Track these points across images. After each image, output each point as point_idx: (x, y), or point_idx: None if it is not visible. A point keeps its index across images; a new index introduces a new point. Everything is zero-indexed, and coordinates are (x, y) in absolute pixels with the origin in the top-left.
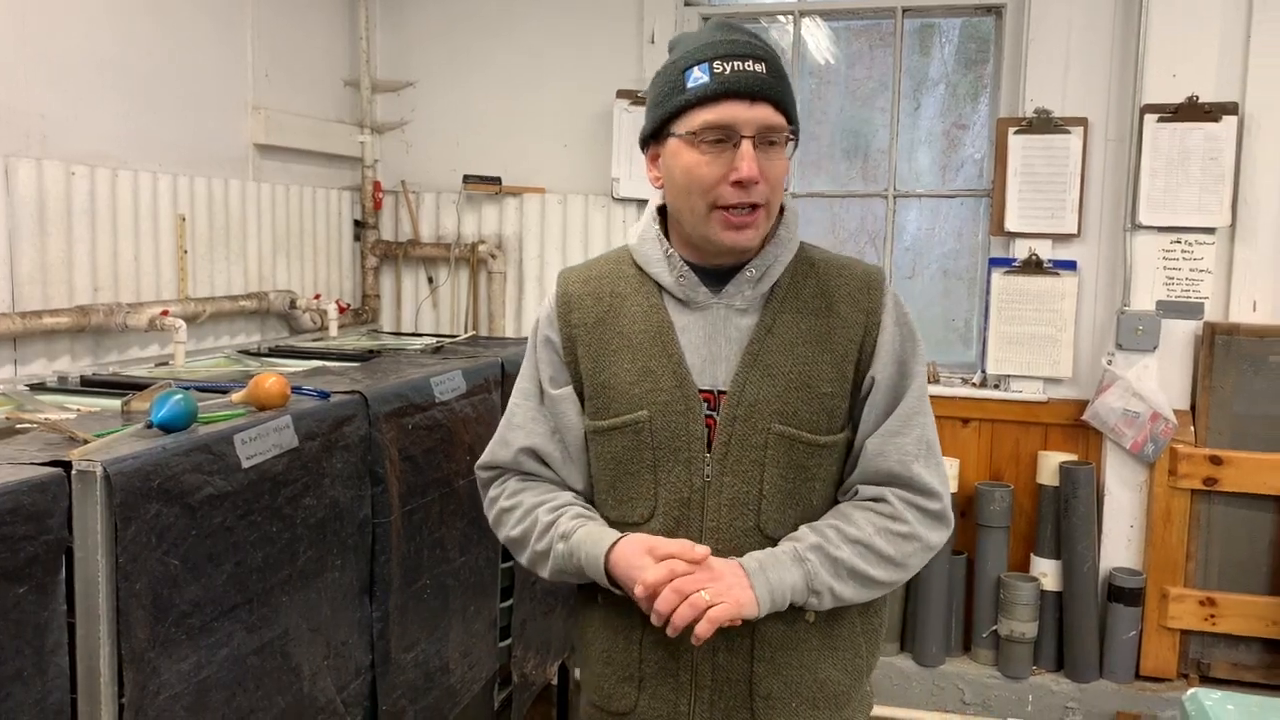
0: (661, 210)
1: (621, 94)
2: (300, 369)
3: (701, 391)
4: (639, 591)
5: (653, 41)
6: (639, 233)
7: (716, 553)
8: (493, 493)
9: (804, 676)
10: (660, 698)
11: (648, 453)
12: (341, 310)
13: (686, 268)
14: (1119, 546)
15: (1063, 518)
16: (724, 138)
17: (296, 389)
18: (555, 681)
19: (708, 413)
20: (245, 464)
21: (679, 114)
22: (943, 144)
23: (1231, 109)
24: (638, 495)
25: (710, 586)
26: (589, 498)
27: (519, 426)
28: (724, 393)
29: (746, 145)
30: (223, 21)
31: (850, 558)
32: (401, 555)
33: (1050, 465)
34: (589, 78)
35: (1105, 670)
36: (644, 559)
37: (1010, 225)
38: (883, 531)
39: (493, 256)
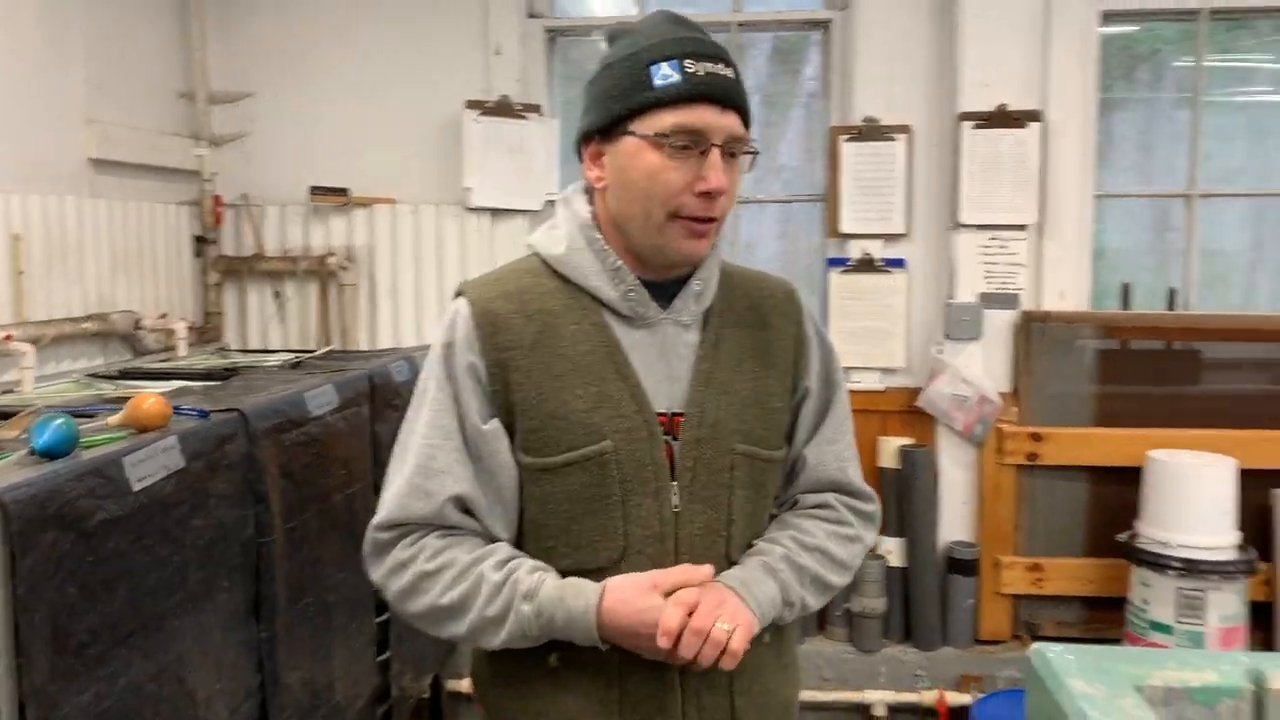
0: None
1: (471, 104)
2: (161, 390)
3: (658, 415)
4: (663, 642)
5: (498, 53)
6: (565, 242)
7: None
8: (401, 555)
9: (771, 701)
10: None
11: (614, 487)
12: (189, 329)
13: (637, 282)
14: (955, 522)
15: (904, 498)
16: (693, 144)
17: (177, 409)
18: (428, 695)
19: (664, 437)
20: (136, 486)
21: (642, 112)
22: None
23: (1036, 116)
24: (603, 536)
25: (721, 616)
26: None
27: (443, 472)
28: (680, 415)
29: (716, 155)
30: (51, 33)
31: (812, 565)
32: (285, 574)
33: (890, 450)
34: (436, 88)
35: (948, 637)
36: (652, 599)
37: (845, 227)
38: (834, 536)
39: (343, 269)
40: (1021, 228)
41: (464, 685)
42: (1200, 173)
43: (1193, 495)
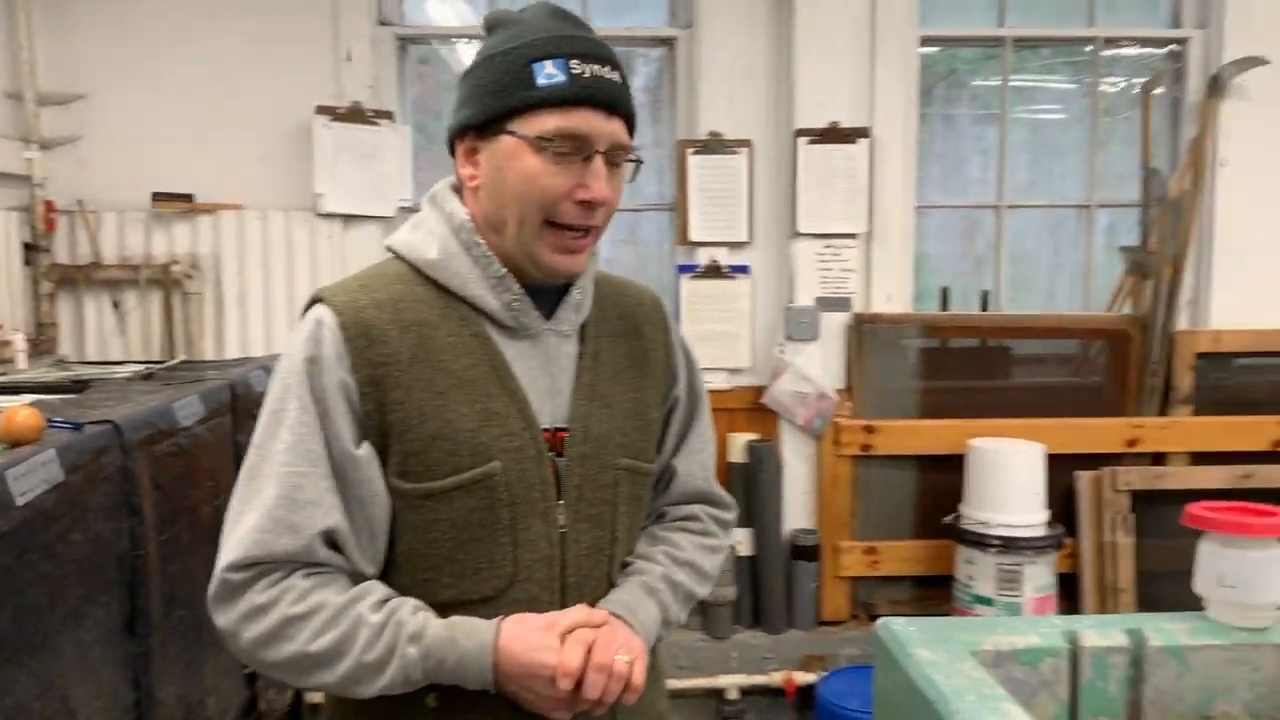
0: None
1: (321, 109)
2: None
3: (542, 430)
4: (565, 684)
5: (349, 59)
6: (438, 245)
7: (574, 604)
8: (258, 599)
9: (649, 715)
10: None
11: (503, 510)
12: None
13: (522, 291)
14: (798, 510)
15: (751, 490)
16: (575, 150)
17: (50, 421)
18: (289, 707)
19: (548, 454)
20: (19, 501)
21: (523, 111)
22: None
23: (864, 133)
24: (490, 564)
25: (618, 649)
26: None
27: (312, 503)
28: (563, 430)
29: (599, 162)
30: None
31: (685, 581)
32: (159, 588)
33: (738, 445)
34: (285, 93)
35: (793, 620)
36: (549, 638)
37: (693, 235)
38: (700, 548)
39: (188, 277)
40: (853, 236)
41: (319, 697)
42: (1006, 185)
43: (1008, 479)
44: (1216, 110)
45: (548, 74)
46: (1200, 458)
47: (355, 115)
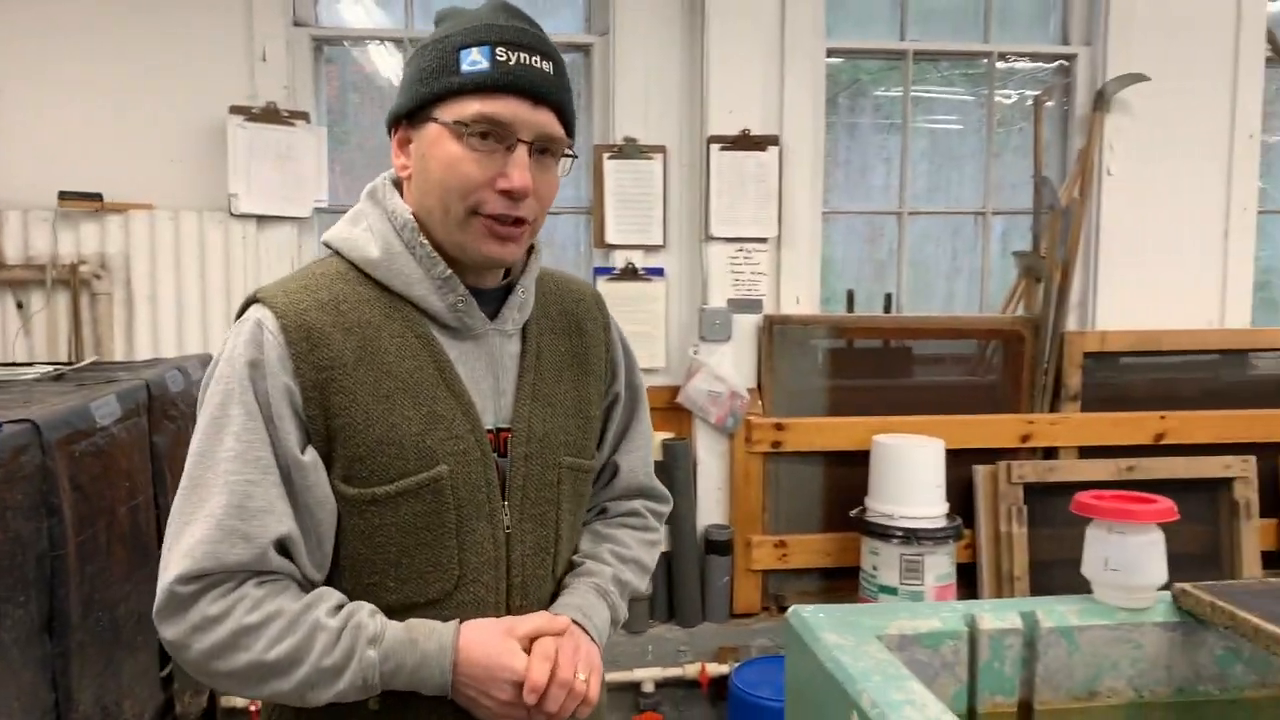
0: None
1: (235, 110)
2: None
3: (486, 431)
4: (530, 698)
5: (264, 59)
6: (379, 243)
7: (520, 606)
8: (210, 609)
9: (597, 712)
10: None
11: (449, 514)
12: None
13: (467, 292)
14: (711, 506)
15: (667, 487)
16: (496, 137)
17: None
18: (205, 710)
19: (492, 455)
20: None
21: (446, 97)
22: None
23: (774, 140)
24: (437, 568)
25: (580, 664)
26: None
27: (264, 511)
28: (506, 430)
29: (521, 152)
30: None
31: (631, 579)
32: (78, 588)
33: (655, 443)
34: (198, 93)
35: (707, 614)
36: (509, 643)
37: (610, 238)
38: (642, 544)
39: (97, 277)
40: (763, 240)
41: (238, 701)
42: (908, 192)
43: (911, 474)
44: (1102, 123)
45: (472, 60)
46: (1088, 451)
47: (270, 116)
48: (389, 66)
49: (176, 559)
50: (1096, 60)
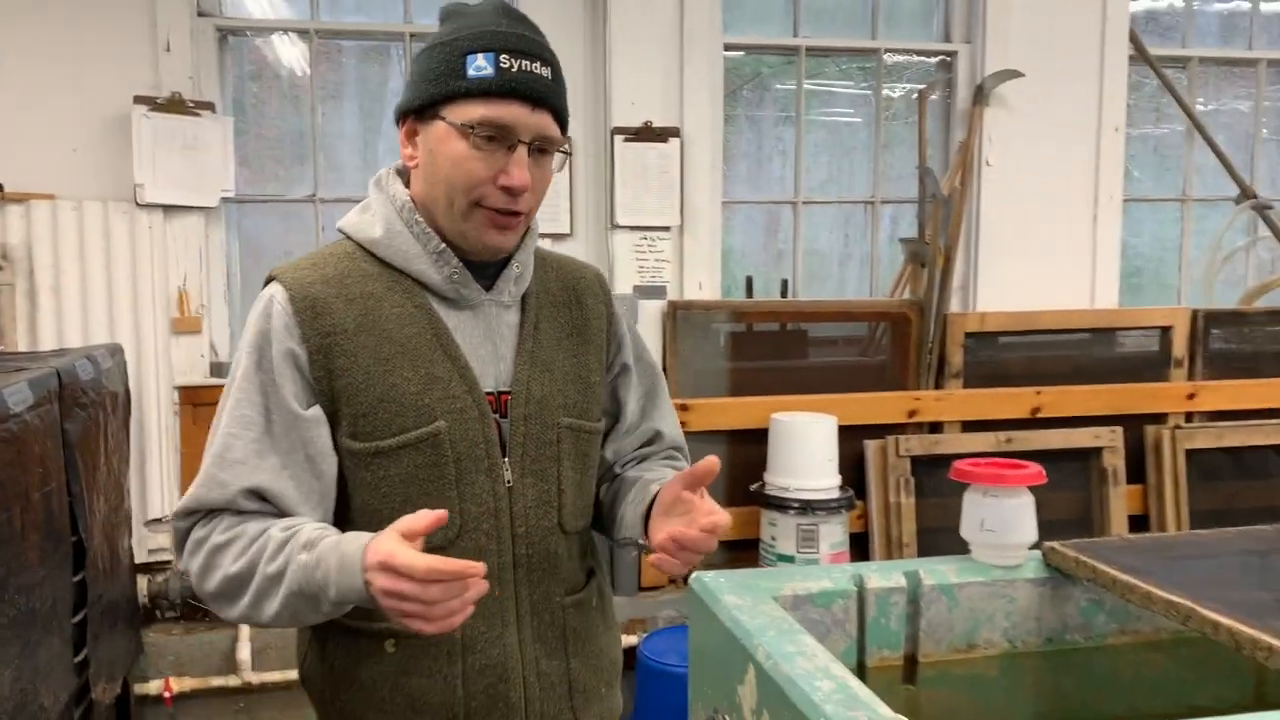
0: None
1: (139, 99)
2: None
3: (486, 394)
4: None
5: (168, 50)
6: (382, 225)
7: (526, 555)
8: (197, 534)
9: (603, 661)
10: None
11: (449, 467)
12: None
13: (460, 264)
14: None
15: None
16: (499, 138)
17: None
18: (118, 697)
19: (493, 416)
20: None
21: (454, 99)
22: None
23: (675, 132)
24: None
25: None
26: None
27: (238, 462)
28: (506, 393)
29: (521, 152)
30: None
31: None
32: None
33: None
34: (102, 82)
35: (617, 588)
36: (402, 542)
37: None
38: None
39: None
40: (666, 229)
41: (151, 688)
42: (803, 182)
43: (806, 449)
44: (981, 116)
45: (477, 66)
46: (970, 425)
47: (175, 106)
48: (290, 57)
49: (181, 500)
50: (976, 57)
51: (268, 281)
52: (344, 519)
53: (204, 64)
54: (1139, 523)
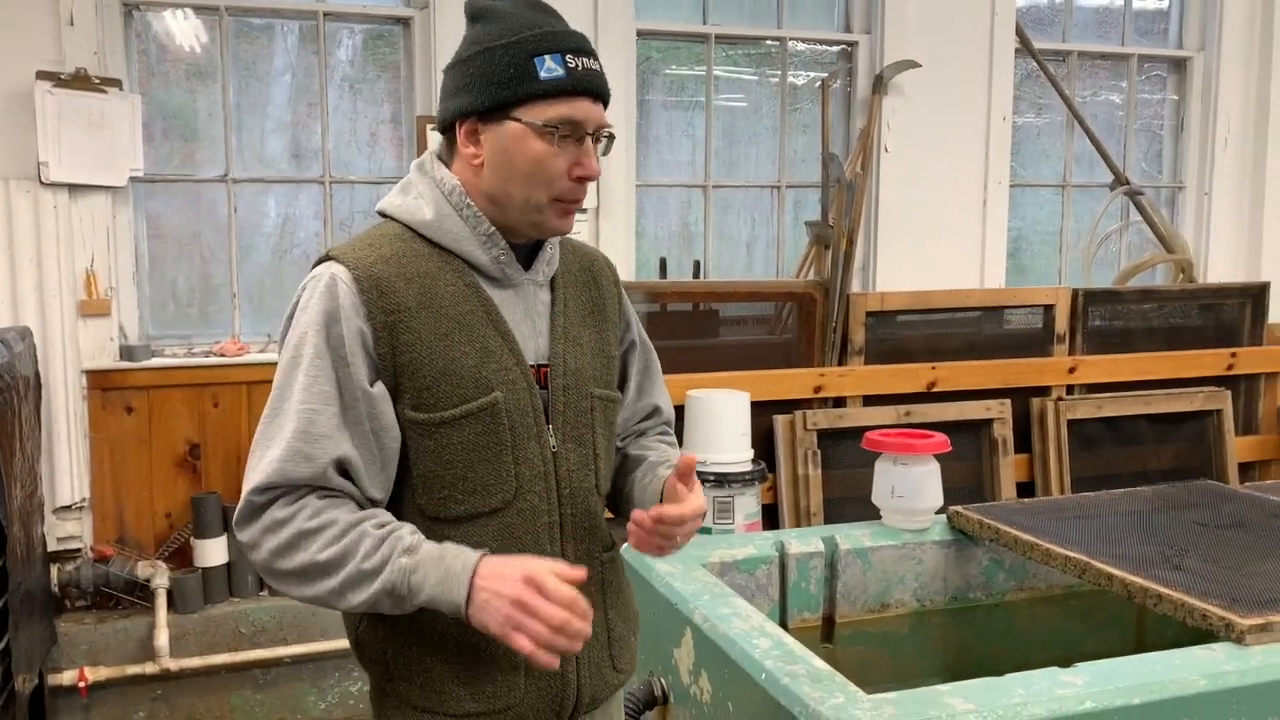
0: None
1: (42, 75)
2: None
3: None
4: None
5: (72, 24)
6: (432, 208)
7: (570, 515)
8: (279, 514)
9: (629, 612)
10: (548, 676)
11: (505, 434)
12: None
13: (507, 247)
14: None
15: None
16: (574, 133)
17: None
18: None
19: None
20: None
21: (527, 101)
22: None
23: None
24: (497, 480)
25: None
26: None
27: (325, 436)
28: (545, 365)
29: (589, 144)
30: None
31: None
32: None
33: None
34: (1, 57)
35: None
36: (525, 559)
37: None
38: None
39: None
40: (583, 210)
41: (65, 679)
42: (712, 166)
43: (720, 424)
44: (880, 104)
45: (548, 68)
46: (871, 400)
47: (80, 82)
48: (199, 34)
49: (255, 474)
50: (875, 47)
51: (321, 261)
52: (405, 485)
53: (109, 39)
54: (1026, 489)
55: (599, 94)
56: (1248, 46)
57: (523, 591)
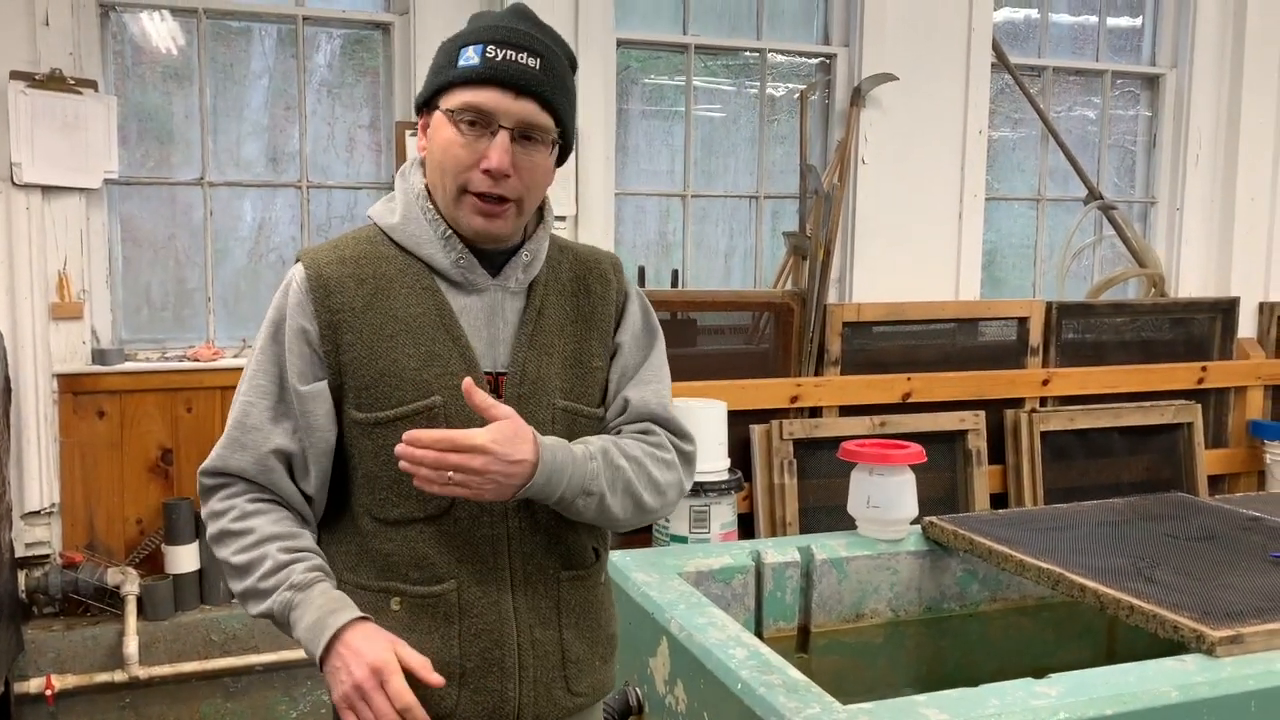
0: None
1: (16, 75)
2: None
3: (485, 374)
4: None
5: (47, 24)
6: (400, 212)
7: (519, 526)
8: (216, 505)
9: (599, 635)
10: (485, 690)
11: None
12: None
13: (466, 250)
14: None
15: None
16: (482, 123)
17: None
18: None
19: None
20: None
21: (447, 89)
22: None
23: None
24: None
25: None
26: (320, 506)
27: (257, 428)
28: (504, 374)
29: (502, 136)
30: None
31: (628, 472)
32: None
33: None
34: None
35: None
36: (385, 645)
37: None
38: (651, 456)
39: None
40: (562, 219)
41: (32, 687)
42: (691, 176)
43: (697, 432)
44: (858, 117)
45: (466, 57)
46: (847, 410)
47: (55, 83)
48: (177, 36)
49: (208, 459)
50: (853, 60)
51: (296, 261)
52: (346, 484)
53: (85, 40)
54: (999, 500)
55: (518, 86)
56: (1219, 64)
57: (366, 679)
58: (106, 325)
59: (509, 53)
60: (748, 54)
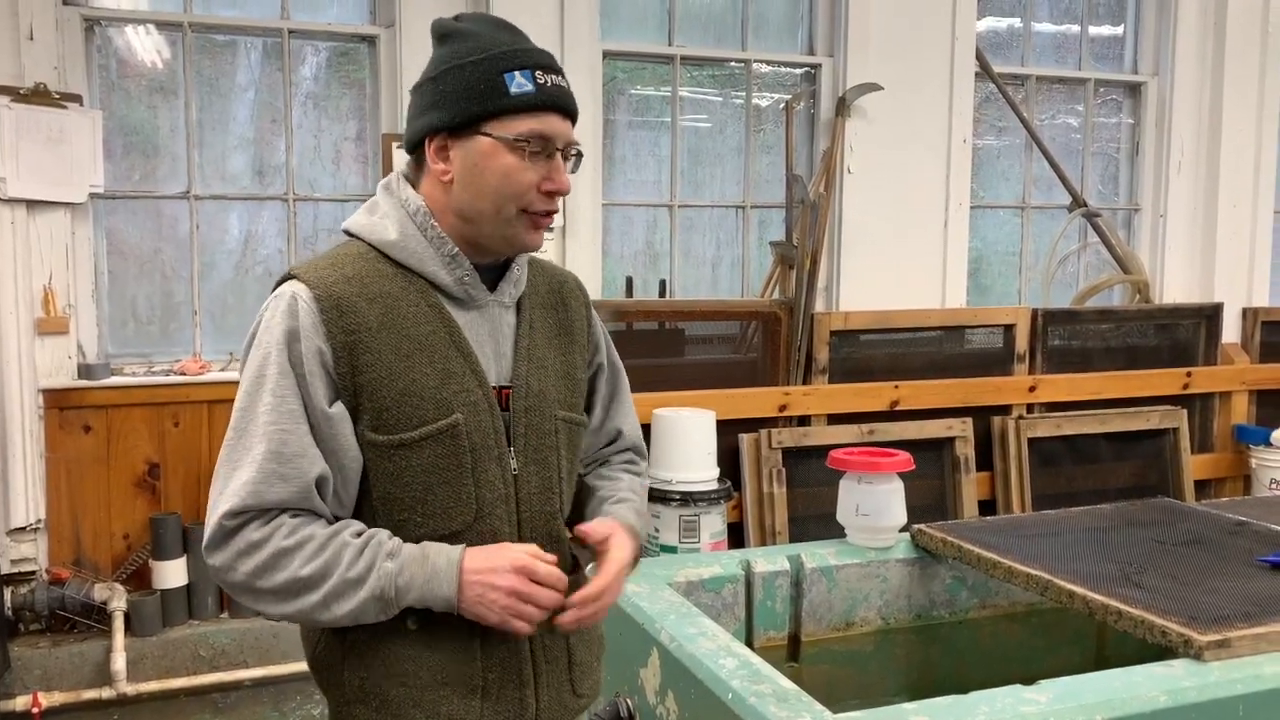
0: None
1: (1, 89)
2: None
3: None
4: (531, 561)
5: (32, 38)
6: (396, 228)
7: (531, 537)
8: (253, 536)
9: (594, 636)
10: (506, 700)
11: (465, 456)
12: None
13: (472, 268)
14: None
15: None
16: (544, 148)
17: None
18: None
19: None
20: None
21: (497, 116)
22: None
23: None
24: (457, 503)
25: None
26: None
27: (299, 455)
28: (507, 387)
29: (559, 159)
30: None
31: (642, 510)
32: None
33: None
34: None
35: None
36: (507, 547)
37: None
38: (641, 488)
39: None
40: (550, 230)
41: (18, 704)
42: (678, 187)
43: (686, 442)
44: (844, 126)
45: (518, 84)
46: (835, 418)
47: (40, 97)
48: (162, 50)
49: (225, 498)
50: (838, 70)
51: (283, 280)
52: (364, 508)
53: (70, 54)
54: (987, 507)
55: (567, 110)
56: (1200, 72)
57: (517, 581)
58: (92, 340)
59: (553, 77)
60: (733, 64)
